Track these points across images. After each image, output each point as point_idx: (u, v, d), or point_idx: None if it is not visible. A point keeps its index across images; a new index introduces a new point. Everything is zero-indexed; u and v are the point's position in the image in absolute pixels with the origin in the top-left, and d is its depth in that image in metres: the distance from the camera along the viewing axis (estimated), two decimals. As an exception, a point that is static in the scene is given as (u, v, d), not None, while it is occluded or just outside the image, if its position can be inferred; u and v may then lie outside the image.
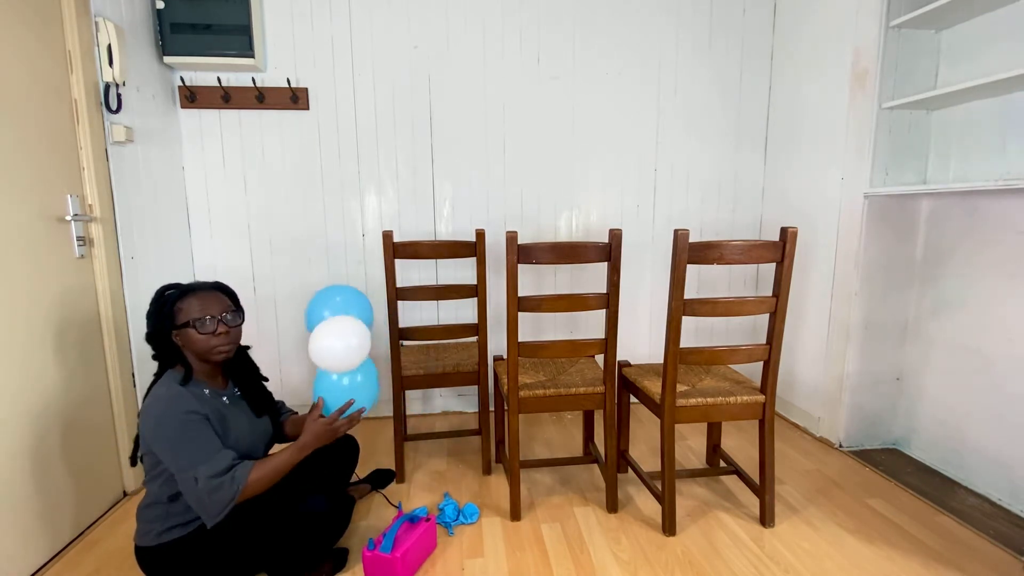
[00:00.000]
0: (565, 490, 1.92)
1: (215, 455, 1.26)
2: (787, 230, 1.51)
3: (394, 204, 2.51)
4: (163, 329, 1.34)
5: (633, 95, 2.57)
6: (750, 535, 1.64)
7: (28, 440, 1.49)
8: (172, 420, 1.24)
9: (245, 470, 1.29)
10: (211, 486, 1.23)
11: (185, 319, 1.32)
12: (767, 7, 2.58)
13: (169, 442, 1.23)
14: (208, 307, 1.35)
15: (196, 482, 1.23)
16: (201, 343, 1.34)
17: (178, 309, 1.33)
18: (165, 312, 1.33)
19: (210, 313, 1.35)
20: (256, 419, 1.49)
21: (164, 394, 1.28)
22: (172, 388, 1.30)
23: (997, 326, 1.78)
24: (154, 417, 1.25)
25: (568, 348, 1.66)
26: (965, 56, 1.86)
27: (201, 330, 1.32)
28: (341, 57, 2.39)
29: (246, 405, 1.49)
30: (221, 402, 1.39)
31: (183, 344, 1.35)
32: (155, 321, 1.34)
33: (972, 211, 1.87)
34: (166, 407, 1.26)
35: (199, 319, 1.32)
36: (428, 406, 2.70)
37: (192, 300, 1.34)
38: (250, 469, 1.30)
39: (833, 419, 2.23)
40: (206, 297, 1.36)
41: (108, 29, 1.80)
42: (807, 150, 2.38)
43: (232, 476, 1.26)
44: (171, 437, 1.24)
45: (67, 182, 1.68)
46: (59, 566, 1.53)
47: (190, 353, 1.36)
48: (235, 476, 1.27)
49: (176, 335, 1.34)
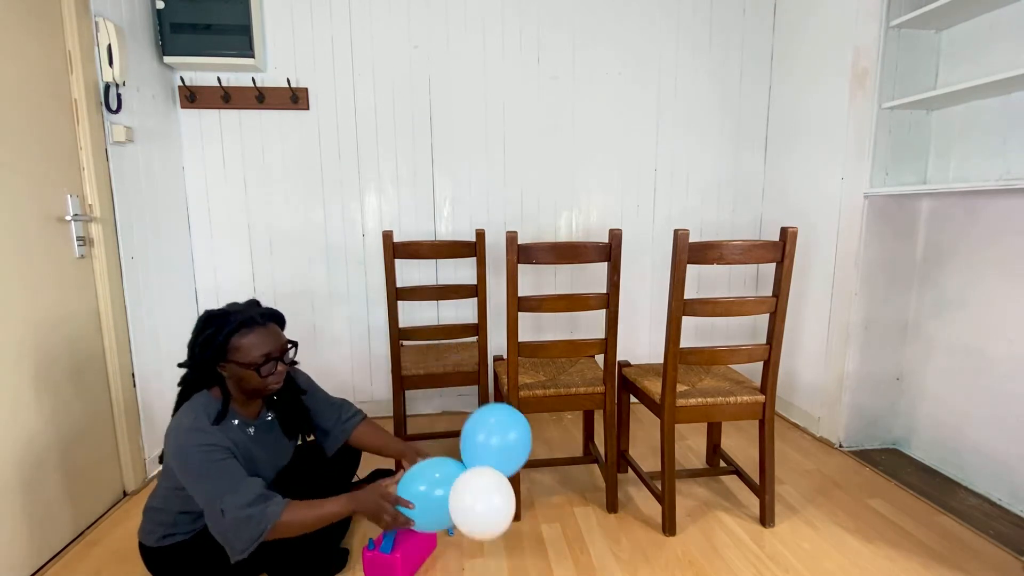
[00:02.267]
0: (565, 490, 1.92)
1: (241, 483, 1.18)
2: (787, 230, 1.51)
3: (394, 204, 2.51)
4: (210, 361, 1.25)
5: (633, 95, 2.57)
6: (750, 535, 1.64)
7: (28, 440, 1.49)
8: (194, 453, 1.17)
9: (278, 507, 1.18)
10: (239, 518, 1.14)
11: (242, 359, 1.23)
12: (767, 7, 2.58)
13: (192, 474, 1.17)
14: (266, 346, 1.25)
15: (223, 514, 1.14)
16: (255, 383, 1.26)
17: (234, 346, 1.23)
18: (216, 346, 1.23)
19: (269, 354, 1.26)
20: (280, 445, 1.42)
21: (188, 426, 1.20)
22: (199, 421, 1.22)
23: (997, 326, 1.78)
24: (176, 448, 1.19)
25: (568, 348, 1.66)
26: (965, 56, 1.86)
27: (261, 373, 1.24)
28: (341, 57, 2.39)
29: (276, 428, 1.42)
30: (246, 434, 1.33)
31: (229, 376, 1.27)
32: (202, 353, 1.24)
33: (972, 211, 1.87)
34: (187, 438, 1.19)
35: (258, 363, 1.24)
36: (428, 406, 2.70)
37: (250, 338, 1.24)
38: (284, 507, 1.19)
39: (833, 419, 2.23)
40: (264, 334, 1.26)
41: (108, 29, 1.80)
42: (807, 150, 2.38)
43: (263, 510, 1.16)
44: (194, 470, 1.17)
45: (67, 182, 1.68)
46: (59, 566, 1.53)
47: (233, 384, 1.28)
48: (266, 512, 1.16)
49: (224, 367, 1.25)
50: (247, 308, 1.30)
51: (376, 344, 2.59)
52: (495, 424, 1.39)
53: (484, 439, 1.37)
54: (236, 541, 1.15)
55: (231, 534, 1.15)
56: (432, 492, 1.30)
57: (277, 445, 1.42)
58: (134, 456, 1.91)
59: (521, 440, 1.39)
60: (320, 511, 1.23)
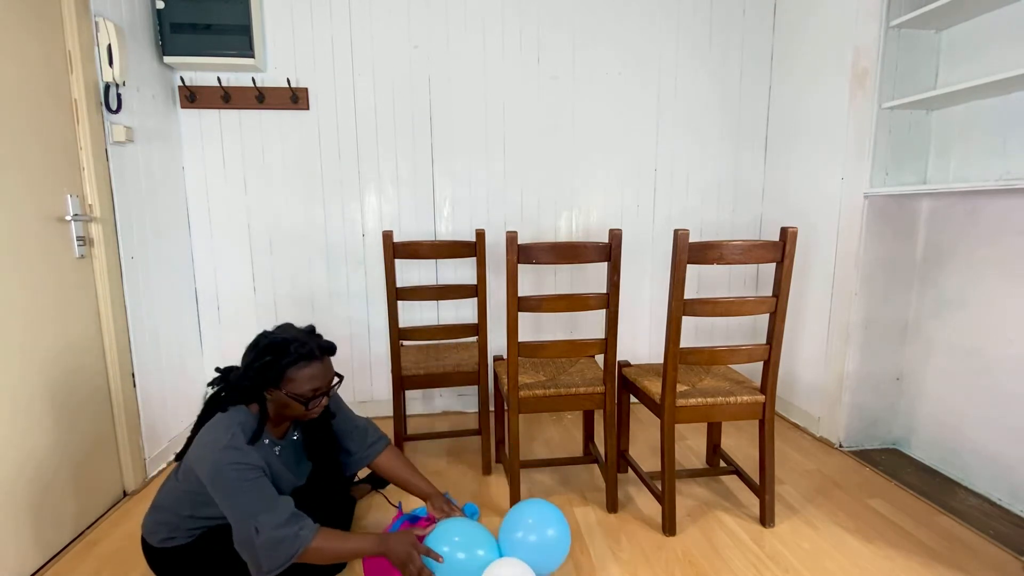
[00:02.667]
0: (565, 490, 1.92)
1: (276, 502, 1.18)
2: (787, 230, 1.51)
3: (394, 204, 2.51)
4: (260, 386, 1.25)
5: (633, 95, 2.57)
6: (750, 535, 1.64)
7: (27, 440, 1.49)
8: (229, 471, 1.16)
9: (310, 531, 1.18)
10: (274, 538, 1.14)
11: (294, 390, 1.24)
12: (767, 7, 2.58)
13: (225, 491, 1.16)
14: (319, 381, 1.27)
15: (257, 533, 1.13)
16: (298, 412, 1.28)
17: (289, 377, 1.24)
18: (271, 376, 1.23)
19: (319, 389, 1.27)
20: (300, 465, 1.42)
21: (226, 444, 1.19)
22: (236, 439, 1.20)
23: (997, 326, 1.78)
24: (212, 464, 1.17)
25: (568, 348, 1.66)
26: (965, 56, 1.86)
27: (308, 406, 1.26)
28: (341, 57, 2.39)
29: (300, 449, 1.42)
30: (273, 453, 1.33)
31: (272, 399, 1.27)
32: (256, 378, 1.24)
33: (972, 211, 1.87)
34: (223, 456, 1.17)
35: (308, 397, 1.25)
36: (428, 406, 2.70)
37: (306, 371, 1.25)
38: (315, 532, 1.19)
39: (833, 419, 2.23)
40: (319, 369, 1.27)
41: (108, 29, 1.80)
42: (807, 150, 2.38)
43: (297, 533, 1.16)
44: (228, 487, 1.16)
45: (67, 182, 1.68)
46: (59, 566, 1.53)
47: (275, 408, 1.28)
48: (300, 534, 1.16)
49: (271, 392, 1.26)
50: (307, 338, 1.28)
51: (376, 344, 2.59)
52: (534, 524, 1.39)
53: (523, 536, 1.37)
54: (266, 560, 1.14)
55: (262, 553, 1.14)
56: (461, 556, 1.29)
57: (298, 466, 1.42)
58: (134, 456, 1.91)
59: (559, 544, 1.40)
60: (350, 545, 1.23)
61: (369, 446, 1.55)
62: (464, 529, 1.37)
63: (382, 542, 1.24)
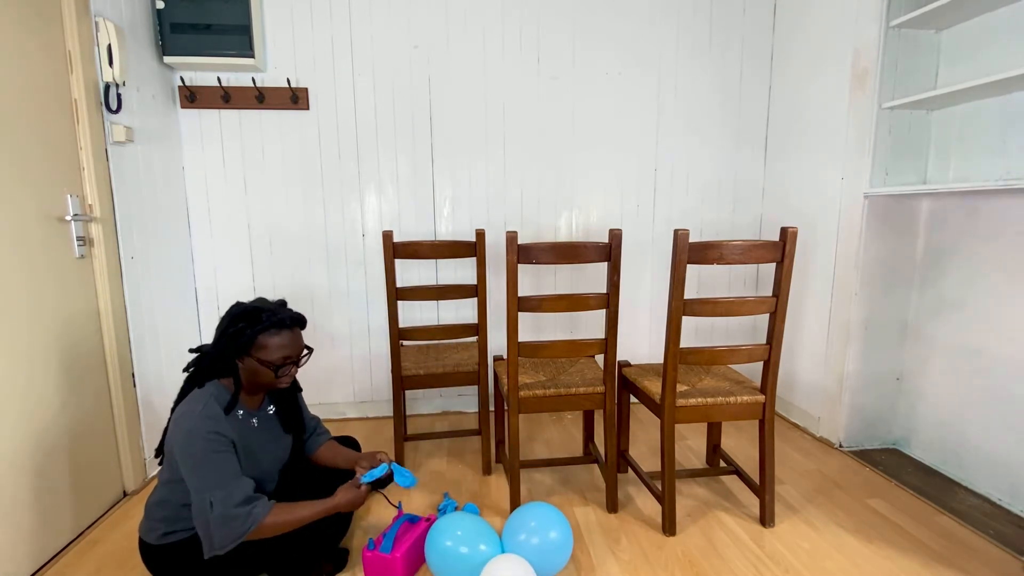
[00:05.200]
0: (565, 490, 1.92)
1: (232, 482, 1.22)
2: (787, 230, 1.51)
3: (394, 204, 2.51)
4: (232, 353, 1.30)
5: (633, 95, 2.57)
6: (750, 535, 1.64)
7: (28, 440, 1.49)
8: (200, 439, 1.21)
9: (264, 509, 1.23)
10: (226, 515, 1.19)
11: (264, 357, 1.29)
12: (767, 7, 2.58)
13: (192, 459, 1.20)
14: (288, 349, 1.32)
15: (211, 507, 1.18)
16: (268, 379, 1.32)
17: (261, 344, 1.29)
18: (243, 342, 1.28)
19: (288, 357, 1.32)
20: (280, 439, 1.46)
21: (200, 412, 1.24)
22: (209, 407, 1.25)
23: (997, 326, 1.78)
24: (185, 431, 1.22)
25: (568, 348, 1.66)
26: (965, 56, 1.86)
27: (278, 373, 1.31)
28: (341, 57, 2.39)
29: (276, 423, 1.46)
30: (250, 424, 1.37)
31: (244, 368, 1.32)
32: (228, 344, 1.29)
33: (972, 211, 1.87)
34: (197, 423, 1.22)
35: (277, 364, 1.30)
36: (428, 406, 2.70)
37: (277, 339, 1.30)
38: (270, 509, 1.24)
39: (833, 419, 2.23)
40: (289, 337, 1.32)
41: (108, 29, 1.80)
42: (807, 150, 2.38)
43: (249, 512, 1.21)
44: (195, 455, 1.20)
45: (67, 182, 1.68)
46: (59, 566, 1.53)
47: (246, 376, 1.33)
48: (252, 513, 1.21)
49: (243, 360, 1.30)
50: (278, 308, 1.34)
51: (376, 344, 2.59)
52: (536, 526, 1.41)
53: (526, 538, 1.40)
54: (218, 537, 1.19)
55: (214, 528, 1.19)
56: (464, 550, 1.35)
57: (278, 439, 1.46)
58: (134, 456, 1.91)
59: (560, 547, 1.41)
60: (302, 513, 1.29)
61: (320, 434, 1.62)
62: (467, 524, 1.39)
63: (330, 500, 1.34)
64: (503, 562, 1.30)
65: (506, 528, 1.45)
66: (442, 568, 1.36)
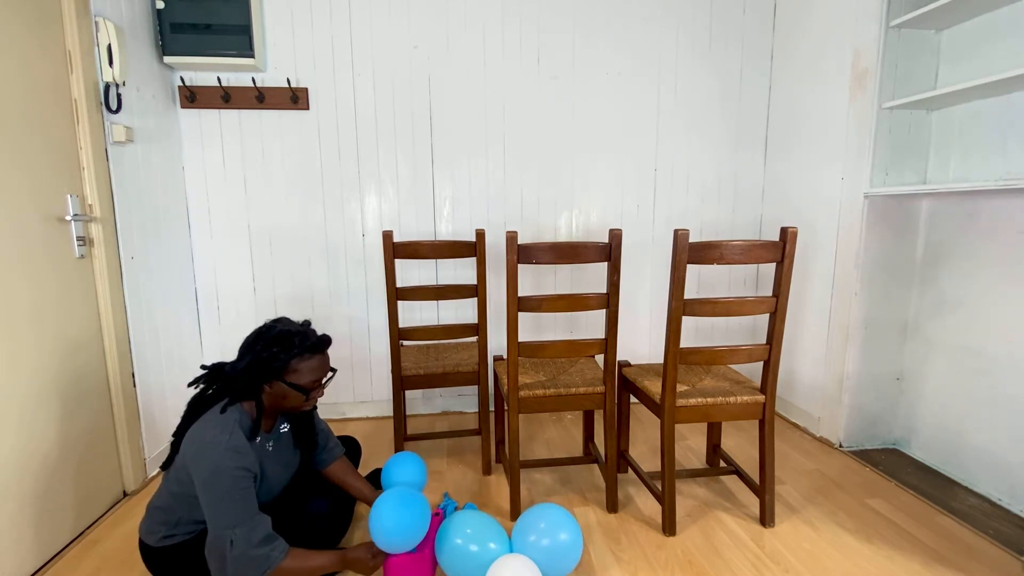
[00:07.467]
0: (565, 490, 1.92)
1: (253, 519, 1.20)
2: (787, 230, 1.51)
3: (394, 204, 2.51)
4: (261, 377, 1.27)
5: (633, 95, 2.57)
6: (750, 535, 1.64)
7: (28, 440, 1.49)
8: (227, 476, 1.17)
9: (281, 553, 1.21)
10: (247, 555, 1.16)
11: (296, 380, 1.27)
12: (767, 7, 2.58)
13: (216, 495, 1.17)
14: (320, 372, 1.31)
15: (231, 545, 1.16)
16: (297, 403, 1.30)
17: (294, 368, 1.27)
18: (276, 366, 1.26)
19: (319, 380, 1.31)
20: (292, 458, 1.45)
21: (227, 444, 1.20)
22: (236, 438, 1.22)
23: (997, 326, 1.78)
24: (212, 465, 1.18)
25: (568, 348, 1.66)
26: (965, 56, 1.86)
27: (308, 396, 1.30)
28: (341, 57, 2.39)
29: (289, 441, 1.44)
30: (266, 449, 1.35)
31: (271, 392, 1.29)
32: (262, 368, 1.26)
33: (972, 211, 1.87)
34: (224, 459, 1.18)
35: (309, 388, 1.29)
36: (428, 406, 2.70)
37: (310, 362, 1.29)
38: (287, 553, 1.22)
39: (833, 419, 2.23)
40: (322, 360, 1.31)
41: (108, 29, 1.80)
42: (807, 150, 2.38)
43: (268, 555, 1.19)
44: (220, 491, 1.17)
45: (67, 182, 1.68)
46: (59, 566, 1.53)
47: (272, 400, 1.30)
48: (270, 556, 1.19)
49: (272, 384, 1.27)
50: (308, 331, 1.33)
51: (376, 344, 2.59)
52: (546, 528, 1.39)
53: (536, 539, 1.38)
54: (234, 574, 1.18)
55: (231, 566, 1.17)
56: (473, 548, 1.34)
57: (289, 458, 1.44)
58: (134, 456, 1.91)
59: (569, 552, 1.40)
60: (315, 562, 1.27)
61: (331, 449, 1.59)
62: (476, 522, 1.39)
63: (343, 556, 1.31)
64: (508, 561, 1.30)
65: (516, 528, 1.44)
66: (453, 565, 1.35)
